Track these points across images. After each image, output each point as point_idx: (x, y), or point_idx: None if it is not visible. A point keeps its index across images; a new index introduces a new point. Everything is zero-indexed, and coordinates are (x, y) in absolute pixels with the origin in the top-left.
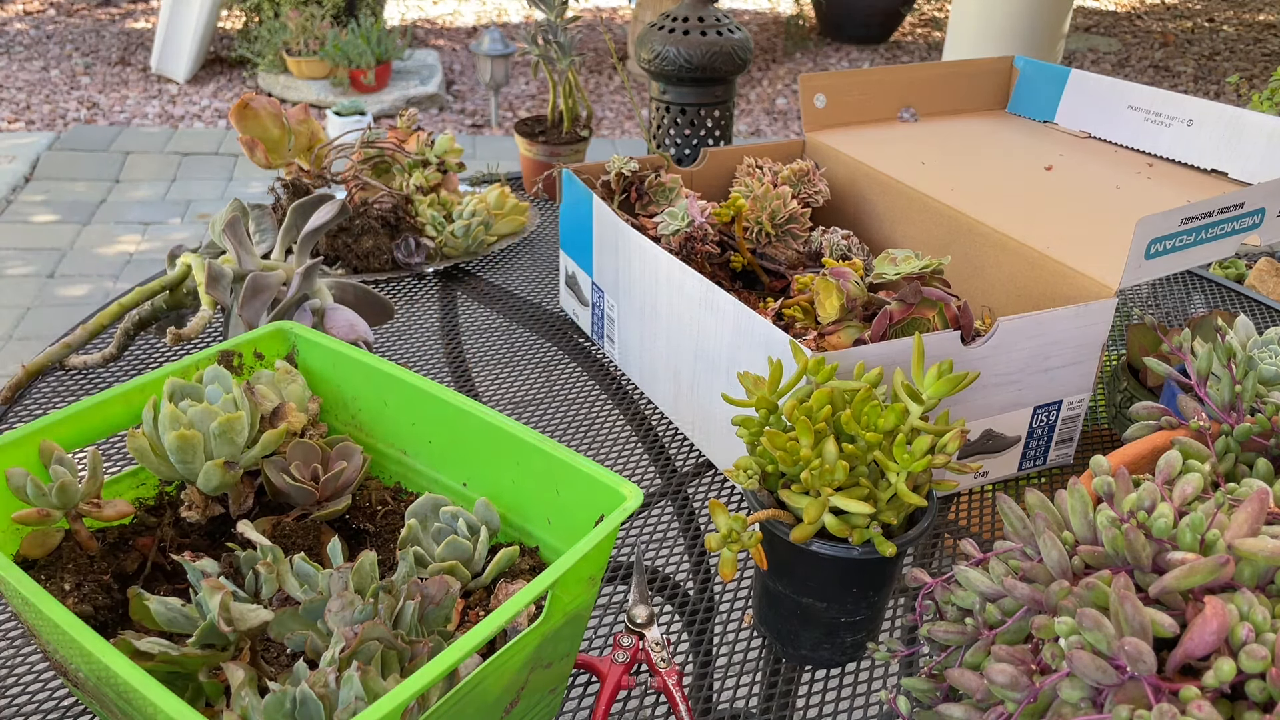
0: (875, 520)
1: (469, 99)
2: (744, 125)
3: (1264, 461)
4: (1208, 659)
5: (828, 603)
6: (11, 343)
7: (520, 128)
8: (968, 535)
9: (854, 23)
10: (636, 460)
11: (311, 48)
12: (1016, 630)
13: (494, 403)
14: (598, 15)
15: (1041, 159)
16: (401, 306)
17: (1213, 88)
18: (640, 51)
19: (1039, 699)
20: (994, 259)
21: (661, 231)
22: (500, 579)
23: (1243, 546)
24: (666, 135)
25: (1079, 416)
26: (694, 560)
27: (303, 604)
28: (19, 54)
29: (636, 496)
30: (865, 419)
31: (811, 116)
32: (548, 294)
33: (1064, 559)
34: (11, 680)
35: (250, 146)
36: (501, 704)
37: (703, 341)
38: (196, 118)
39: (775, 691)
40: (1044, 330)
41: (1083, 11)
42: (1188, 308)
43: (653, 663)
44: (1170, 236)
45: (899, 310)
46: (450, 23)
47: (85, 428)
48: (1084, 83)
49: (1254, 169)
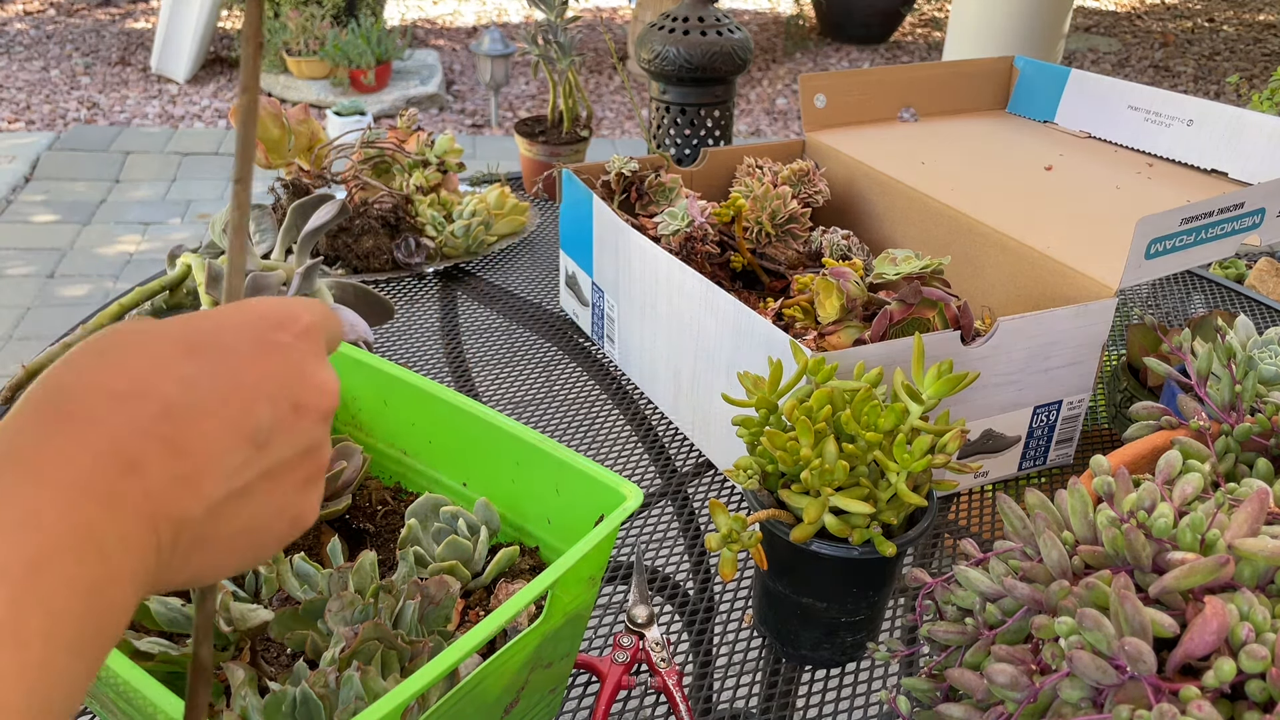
0: (875, 520)
1: (469, 99)
2: (744, 125)
3: (1264, 461)
4: (1208, 659)
5: (828, 603)
6: (11, 343)
7: (520, 128)
8: (968, 535)
9: (854, 23)
10: (636, 460)
11: (311, 48)
12: (1016, 630)
13: (494, 403)
14: (598, 15)
15: (1041, 159)
16: (401, 306)
17: (1213, 88)
18: (640, 51)
19: (1039, 699)
20: (994, 259)
21: (661, 231)
22: (500, 579)
23: (1243, 546)
24: (666, 135)
25: (1079, 416)
26: (694, 560)
27: (303, 604)
28: (19, 54)
29: (636, 496)
30: (865, 419)
31: (811, 116)
32: (548, 294)
33: (1064, 559)
34: None
35: None
36: (501, 704)
37: (703, 341)
38: (196, 118)
39: (775, 691)
40: (1044, 330)
41: (1083, 11)
42: (1188, 308)
43: (653, 663)
44: (1170, 236)
45: (899, 310)
46: (450, 23)
47: None
48: (1084, 83)
49: (1254, 169)
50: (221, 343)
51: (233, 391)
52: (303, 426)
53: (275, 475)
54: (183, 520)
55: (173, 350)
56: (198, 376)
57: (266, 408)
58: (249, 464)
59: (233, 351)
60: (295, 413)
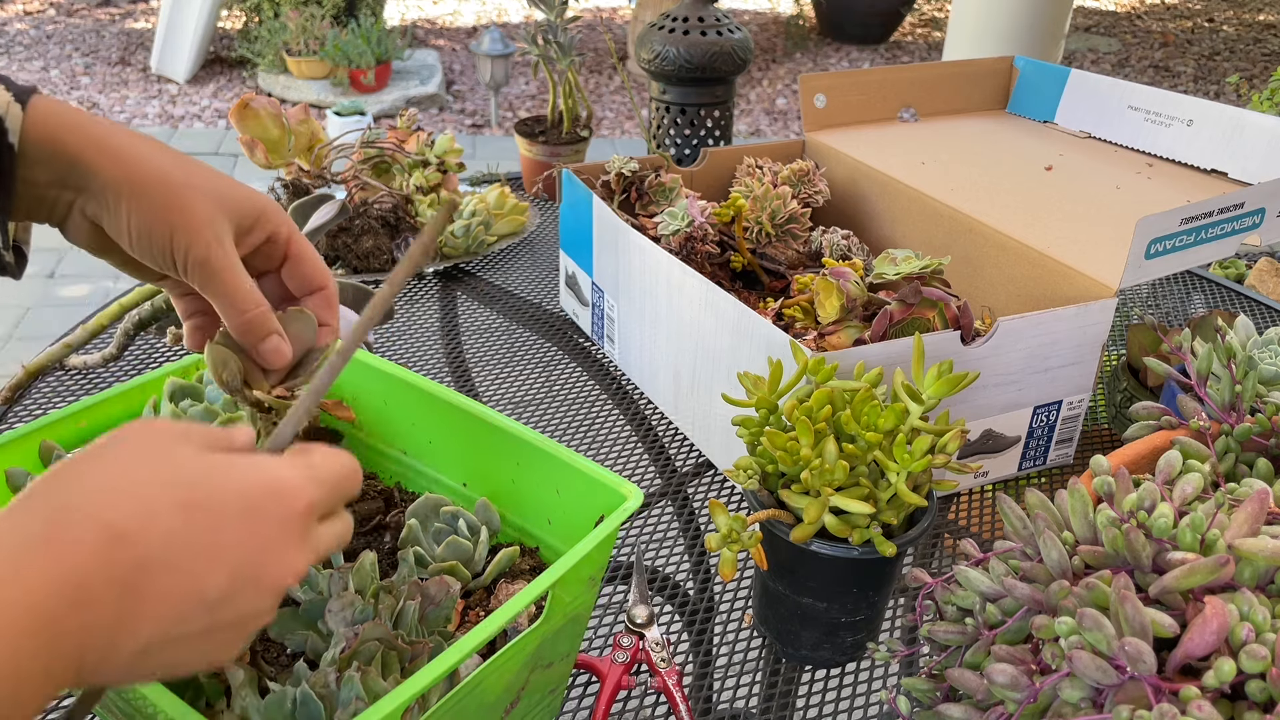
0: (875, 520)
1: (469, 99)
2: (744, 125)
3: (1264, 461)
4: (1208, 659)
5: (828, 603)
6: (11, 343)
7: (520, 128)
8: (968, 535)
9: (854, 23)
10: (636, 460)
11: (311, 48)
12: (1016, 630)
13: (494, 403)
14: (598, 15)
15: (1041, 159)
16: (401, 306)
17: (1213, 88)
18: (640, 51)
19: (1039, 699)
20: (994, 259)
21: (661, 231)
22: (500, 579)
23: (1243, 546)
24: (666, 135)
25: (1079, 416)
26: (694, 560)
27: (303, 604)
28: (19, 54)
29: (636, 497)
30: (865, 419)
31: (811, 116)
32: (548, 294)
33: (1064, 559)
34: None
35: (250, 146)
36: (501, 704)
37: (703, 341)
38: (196, 118)
39: (775, 691)
40: (1044, 330)
41: (1083, 11)
42: (1188, 308)
43: (653, 663)
44: (1170, 236)
45: (899, 310)
46: (450, 23)
47: (85, 428)
48: (1084, 83)
49: (1254, 169)
50: (213, 504)
51: (204, 554)
52: (255, 599)
53: (210, 633)
54: (113, 651)
55: (169, 502)
56: (180, 533)
57: (227, 578)
58: (190, 620)
59: (220, 515)
60: (253, 586)
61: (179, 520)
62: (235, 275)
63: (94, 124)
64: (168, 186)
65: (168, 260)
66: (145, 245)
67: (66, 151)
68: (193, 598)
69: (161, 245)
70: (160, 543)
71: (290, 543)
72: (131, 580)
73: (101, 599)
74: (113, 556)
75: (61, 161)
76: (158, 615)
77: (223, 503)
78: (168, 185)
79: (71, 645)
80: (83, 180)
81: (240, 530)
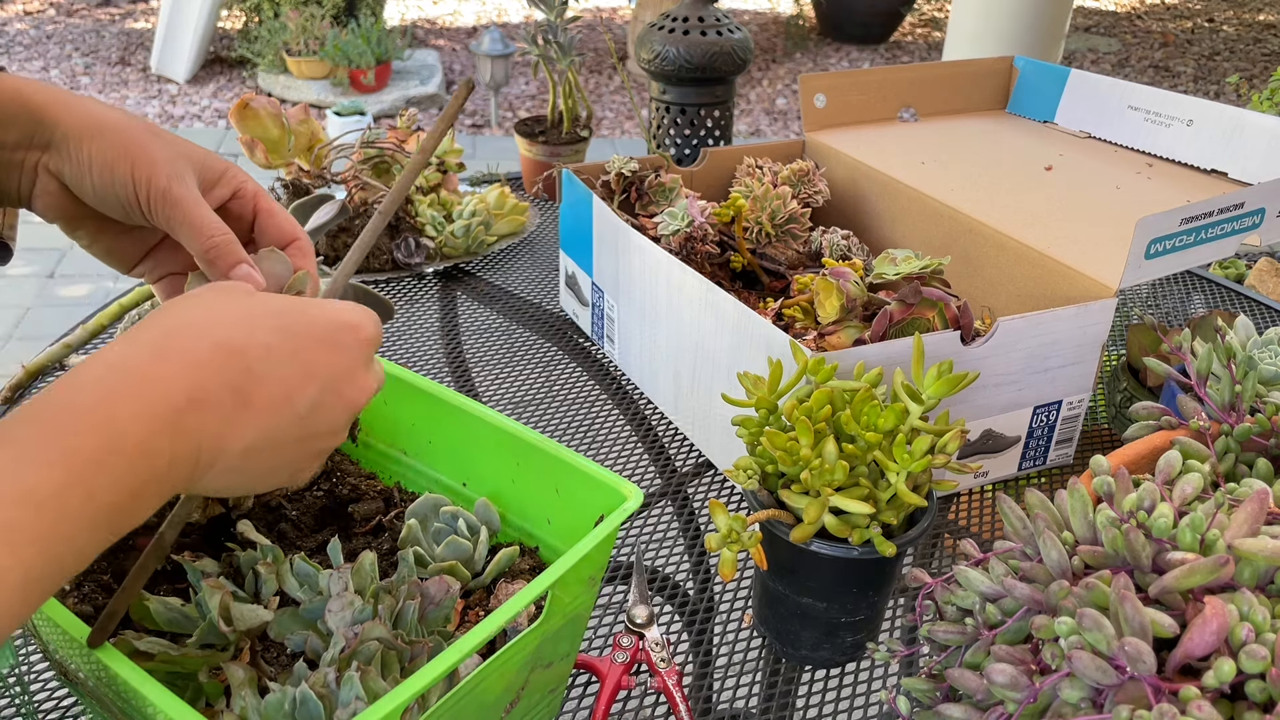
0: (875, 520)
1: (469, 99)
2: (744, 125)
3: (1264, 461)
4: (1208, 659)
5: (828, 603)
6: (11, 343)
7: (520, 128)
8: (968, 535)
9: (854, 23)
10: (636, 460)
11: (311, 48)
12: (1016, 630)
13: (494, 403)
14: (598, 15)
15: (1041, 159)
16: (401, 306)
17: (1213, 88)
18: (640, 51)
19: (1039, 699)
20: (994, 259)
21: (661, 231)
22: (500, 579)
23: (1243, 546)
24: (666, 135)
25: (1079, 416)
26: (694, 560)
27: (303, 604)
28: (19, 54)
29: (636, 497)
30: (865, 419)
31: (811, 116)
32: (548, 294)
33: (1064, 559)
34: (12, 680)
35: (250, 146)
36: (501, 704)
37: (703, 341)
38: (196, 118)
39: (775, 691)
40: (1044, 330)
41: (1083, 11)
42: (1188, 308)
43: (653, 663)
44: (1170, 236)
45: (899, 310)
46: (450, 23)
47: None
48: (1084, 83)
49: (1254, 169)
50: (300, 330)
51: (298, 369)
52: (337, 411)
53: (302, 440)
54: (221, 453)
55: (268, 323)
56: (279, 349)
57: (318, 390)
58: (288, 426)
59: (307, 337)
60: (337, 400)
61: (276, 339)
62: (198, 205)
63: (60, 89)
64: (129, 130)
65: (130, 196)
66: (107, 183)
67: (32, 105)
68: (289, 407)
69: (123, 180)
70: (262, 355)
71: (362, 364)
72: (241, 385)
73: (218, 401)
74: (226, 364)
75: (27, 119)
76: (260, 421)
77: (308, 329)
78: (129, 129)
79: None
80: (48, 135)
81: (325, 353)
